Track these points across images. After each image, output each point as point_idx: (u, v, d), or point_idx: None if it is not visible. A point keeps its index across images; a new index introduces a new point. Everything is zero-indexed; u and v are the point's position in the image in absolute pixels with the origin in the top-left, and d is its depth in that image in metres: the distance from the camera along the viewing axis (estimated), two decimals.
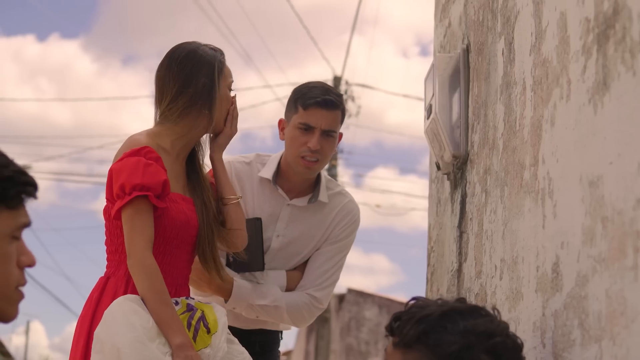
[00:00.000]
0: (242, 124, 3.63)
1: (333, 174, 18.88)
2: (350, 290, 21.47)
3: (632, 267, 1.64)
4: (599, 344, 1.78)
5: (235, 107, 3.14)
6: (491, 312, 2.05)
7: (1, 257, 1.75)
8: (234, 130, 3.14)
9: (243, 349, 2.99)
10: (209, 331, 2.84)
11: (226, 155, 3.23)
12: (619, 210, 1.72)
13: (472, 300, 2.92)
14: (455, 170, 3.33)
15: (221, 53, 3.10)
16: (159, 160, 2.86)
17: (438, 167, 3.51)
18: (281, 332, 3.55)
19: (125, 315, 2.71)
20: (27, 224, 1.79)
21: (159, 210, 2.82)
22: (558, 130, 2.16)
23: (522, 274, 2.39)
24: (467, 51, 3.32)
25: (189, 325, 2.80)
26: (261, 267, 3.33)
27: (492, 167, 2.80)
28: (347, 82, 20.67)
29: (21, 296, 1.81)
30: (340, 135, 3.37)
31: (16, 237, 1.77)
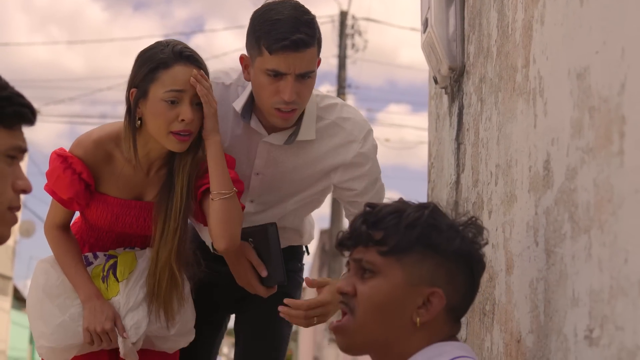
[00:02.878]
0: None
1: None
2: None
3: (617, 153, 1.64)
4: (588, 234, 1.79)
5: (203, 85, 2.73)
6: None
7: None
8: (213, 105, 2.76)
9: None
10: (117, 279, 2.93)
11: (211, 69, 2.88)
12: (604, 98, 1.71)
13: (469, 208, 2.93)
14: (452, 83, 3.32)
15: (172, 53, 2.74)
16: (83, 172, 2.85)
17: (436, 81, 3.50)
18: (306, 246, 3.41)
19: (35, 277, 3.00)
20: (24, 149, 1.81)
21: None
22: (547, 28, 2.14)
23: (515, 176, 2.39)
24: None
25: (102, 274, 2.96)
26: (282, 279, 2.99)
27: (487, 74, 2.79)
28: (353, 17, 20.60)
29: (14, 219, 1.83)
30: (319, 61, 2.84)
31: (12, 157, 1.79)
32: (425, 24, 3.40)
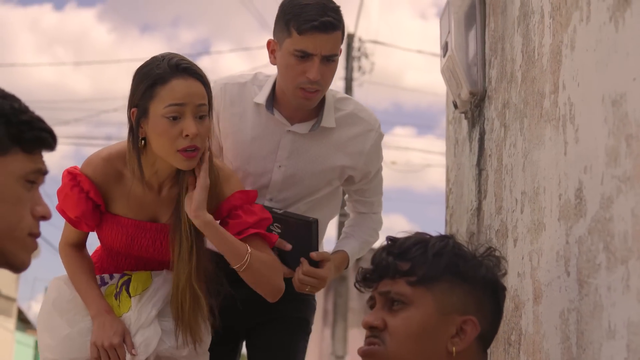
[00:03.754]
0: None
1: None
2: None
3: None
4: (626, 265, 1.74)
5: (206, 151, 2.70)
6: None
7: (13, 198, 1.73)
8: (207, 181, 2.72)
9: None
10: (130, 295, 2.88)
11: (221, 76, 2.95)
12: None
13: (492, 236, 2.89)
14: (472, 108, 3.29)
15: (169, 67, 2.65)
16: (90, 191, 2.80)
17: (455, 106, 3.47)
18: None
19: (48, 293, 2.97)
20: (44, 171, 1.77)
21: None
22: (578, 54, 2.11)
23: (544, 204, 2.35)
24: None
25: (115, 291, 2.92)
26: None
27: (511, 100, 2.75)
28: (360, 40, 20.60)
29: (34, 245, 1.78)
30: (340, 50, 2.96)
31: (31, 182, 1.75)
32: (445, 48, 3.37)
